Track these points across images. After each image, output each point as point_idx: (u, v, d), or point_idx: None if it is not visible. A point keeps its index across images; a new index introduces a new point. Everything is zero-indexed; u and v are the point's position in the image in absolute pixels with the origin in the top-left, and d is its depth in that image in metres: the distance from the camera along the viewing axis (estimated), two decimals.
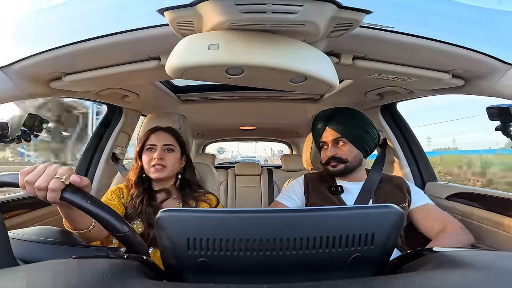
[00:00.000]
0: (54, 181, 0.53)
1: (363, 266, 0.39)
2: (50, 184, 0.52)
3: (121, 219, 0.54)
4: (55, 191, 0.53)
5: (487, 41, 0.83)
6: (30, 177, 0.53)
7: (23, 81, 0.91)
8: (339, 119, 1.13)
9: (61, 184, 0.53)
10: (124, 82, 1.23)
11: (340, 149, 1.12)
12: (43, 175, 0.53)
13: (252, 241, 0.36)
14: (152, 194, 1.09)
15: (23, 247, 0.56)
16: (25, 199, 1.21)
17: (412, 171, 1.51)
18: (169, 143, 1.10)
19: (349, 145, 1.12)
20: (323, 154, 1.17)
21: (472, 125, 55.36)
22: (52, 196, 0.53)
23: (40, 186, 0.53)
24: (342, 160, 1.11)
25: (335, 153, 1.12)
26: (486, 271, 0.33)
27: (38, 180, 0.53)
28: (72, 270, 0.34)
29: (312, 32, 0.65)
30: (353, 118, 1.14)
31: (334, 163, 1.12)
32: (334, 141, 1.13)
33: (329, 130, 1.14)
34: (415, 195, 1.14)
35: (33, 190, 0.53)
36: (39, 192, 0.53)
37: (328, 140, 1.14)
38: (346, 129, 1.11)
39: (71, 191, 0.54)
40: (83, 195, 0.54)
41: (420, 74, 0.94)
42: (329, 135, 1.13)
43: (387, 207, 0.39)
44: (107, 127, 1.67)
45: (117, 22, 0.77)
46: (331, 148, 1.13)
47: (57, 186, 0.53)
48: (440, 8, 0.79)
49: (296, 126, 2.81)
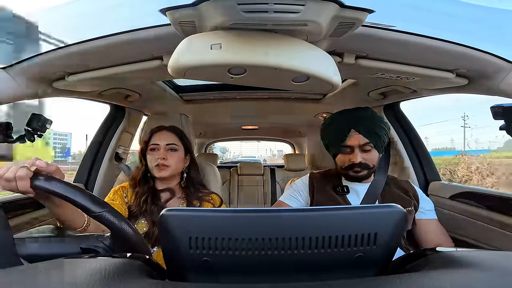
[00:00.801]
0: (21, 170, 0.55)
1: (366, 266, 0.39)
2: (17, 173, 0.55)
3: (95, 199, 0.55)
4: (23, 179, 0.55)
5: (492, 40, 0.83)
6: (0, 172, 0.57)
7: (26, 81, 0.91)
8: (367, 122, 1.04)
9: (28, 171, 0.55)
10: (126, 82, 1.23)
11: (366, 155, 1.05)
12: (12, 168, 0.56)
13: (255, 240, 0.36)
14: (157, 193, 1.09)
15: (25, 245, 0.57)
16: (29, 198, 1.21)
17: (416, 171, 1.51)
18: (172, 143, 1.11)
19: (374, 151, 1.06)
20: (344, 159, 1.08)
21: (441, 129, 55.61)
22: (22, 184, 0.55)
23: (9, 177, 0.55)
24: (367, 167, 1.06)
25: (362, 159, 1.04)
26: (490, 271, 0.32)
27: (7, 173, 0.56)
28: (75, 269, 0.34)
29: (314, 32, 0.64)
30: (376, 120, 1.06)
31: (359, 169, 1.05)
32: (362, 146, 1.04)
33: (356, 134, 1.03)
34: (424, 204, 1.12)
35: (4, 183, 0.56)
36: (9, 184, 0.56)
37: (355, 145, 1.04)
38: (373, 133, 1.03)
39: (40, 177, 0.55)
40: (53, 180, 0.55)
41: (423, 73, 0.93)
42: (356, 140, 1.03)
43: (390, 206, 0.39)
44: (110, 127, 1.67)
45: (120, 22, 0.77)
46: (359, 154, 1.04)
47: (24, 174, 0.55)
48: (444, 7, 0.78)
49: (298, 125, 2.80)
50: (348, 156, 1.06)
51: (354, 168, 1.06)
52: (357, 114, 1.07)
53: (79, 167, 1.63)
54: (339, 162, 1.11)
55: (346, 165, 1.08)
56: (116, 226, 0.54)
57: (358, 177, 1.07)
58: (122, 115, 1.69)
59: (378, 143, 1.05)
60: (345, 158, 1.08)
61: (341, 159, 1.10)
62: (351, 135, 1.04)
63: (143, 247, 0.56)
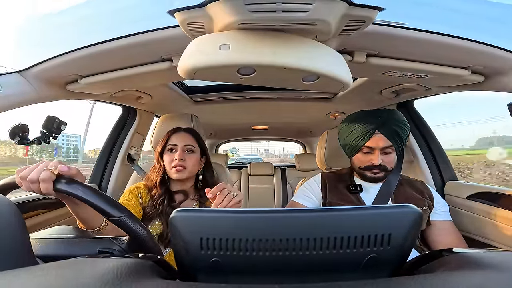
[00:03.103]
0: (44, 173, 0.57)
1: (378, 267, 0.38)
2: (41, 176, 0.57)
3: (115, 204, 0.56)
4: (46, 182, 0.57)
5: (508, 37, 0.80)
6: (24, 173, 0.59)
7: (40, 85, 0.94)
8: (392, 125, 1.02)
9: (51, 174, 0.57)
10: (138, 84, 1.25)
11: (386, 157, 1.04)
12: (34, 170, 0.58)
13: (265, 241, 0.36)
14: (172, 195, 1.10)
15: (41, 245, 0.58)
16: (44, 199, 1.24)
17: (431, 171, 1.47)
18: (190, 144, 1.11)
19: (394, 153, 1.05)
20: (363, 159, 1.07)
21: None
22: (45, 187, 0.57)
23: (33, 179, 0.57)
24: (386, 169, 1.05)
25: (382, 161, 1.03)
26: (507, 272, 0.31)
27: (30, 174, 0.58)
28: (89, 269, 0.34)
29: (323, 30, 0.64)
30: (401, 123, 1.03)
31: (377, 170, 1.05)
32: (384, 149, 1.03)
33: (380, 136, 1.02)
34: (438, 205, 1.10)
35: (28, 184, 0.58)
36: (33, 185, 0.58)
37: (378, 146, 1.03)
38: (397, 137, 1.02)
39: (63, 181, 0.57)
40: (74, 183, 0.57)
41: (437, 70, 0.91)
42: (379, 142, 1.02)
43: (405, 207, 0.38)
44: (122, 128, 1.70)
45: (129, 24, 0.78)
46: (380, 156, 1.03)
47: (48, 177, 0.57)
48: (458, 5, 0.76)
49: (309, 125, 2.78)
50: (368, 157, 1.06)
51: (372, 169, 1.05)
52: (383, 116, 1.04)
53: (93, 168, 1.66)
54: (358, 162, 1.10)
55: (364, 165, 1.07)
56: (133, 231, 0.56)
57: (375, 179, 1.07)
58: (133, 116, 1.72)
59: (399, 146, 1.04)
60: (365, 158, 1.07)
61: (360, 159, 1.08)
62: (375, 137, 1.02)
63: (158, 252, 0.58)
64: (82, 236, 0.66)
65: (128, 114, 1.72)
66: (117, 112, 1.71)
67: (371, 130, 1.02)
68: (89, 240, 0.61)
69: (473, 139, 19.55)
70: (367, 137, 1.03)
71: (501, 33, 0.81)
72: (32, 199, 1.19)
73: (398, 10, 0.73)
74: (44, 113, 1.09)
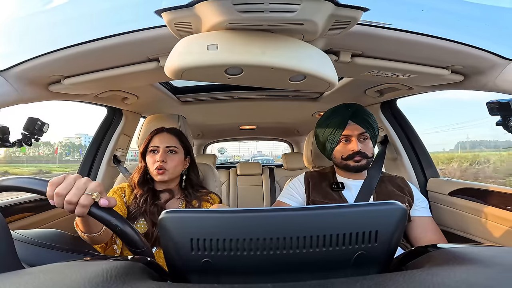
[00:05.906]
0: (85, 197, 0.54)
1: (368, 264, 0.39)
2: (81, 200, 0.54)
3: (141, 238, 0.57)
4: (85, 207, 0.54)
5: (486, 37, 0.83)
6: (61, 190, 0.54)
7: (22, 85, 0.91)
8: (362, 114, 1.12)
9: (92, 201, 0.54)
10: (123, 84, 1.23)
11: (363, 144, 1.12)
12: (73, 190, 0.54)
13: (256, 240, 0.36)
14: (156, 194, 1.09)
15: (28, 250, 0.56)
16: (29, 203, 1.21)
17: (414, 168, 1.51)
18: (172, 145, 1.10)
19: (369, 141, 1.13)
20: (344, 148, 1.13)
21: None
22: (81, 211, 0.54)
23: (71, 201, 0.53)
24: (366, 156, 1.11)
25: (361, 148, 1.11)
26: (492, 267, 0.33)
27: (69, 194, 0.54)
28: (76, 272, 0.34)
29: (310, 30, 0.64)
30: (369, 114, 1.14)
31: (359, 157, 1.10)
32: (359, 136, 1.11)
33: (353, 124, 1.11)
34: (418, 201, 1.14)
35: (62, 202, 0.54)
36: (68, 206, 0.54)
37: (354, 134, 1.11)
38: (368, 125, 1.11)
39: (98, 207, 0.55)
40: (109, 212, 0.56)
41: (419, 70, 0.94)
42: (354, 129, 1.11)
43: (390, 204, 0.39)
44: (107, 129, 1.67)
45: (115, 24, 0.76)
46: (357, 143, 1.11)
47: (88, 203, 0.54)
48: (439, 5, 0.79)
49: (296, 124, 2.81)
50: (348, 146, 1.13)
51: (354, 157, 1.10)
52: (352, 107, 1.15)
53: (78, 170, 1.62)
54: (339, 153, 1.15)
55: (346, 154, 1.12)
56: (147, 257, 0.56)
57: (358, 167, 1.11)
58: (119, 117, 1.68)
59: (372, 135, 1.12)
60: (345, 148, 1.13)
61: (340, 150, 1.14)
62: (350, 124, 1.12)
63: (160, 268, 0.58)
64: (78, 247, 0.65)
65: (114, 115, 1.68)
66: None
67: (344, 121, 1.12)
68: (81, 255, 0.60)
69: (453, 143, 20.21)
70: (343, 126, 1.12)
71: (479, 33, 0.84)
72: (16, 203, 1.16)
73: (382, 10, 0.75)
74: (68, 113, 1.05)
